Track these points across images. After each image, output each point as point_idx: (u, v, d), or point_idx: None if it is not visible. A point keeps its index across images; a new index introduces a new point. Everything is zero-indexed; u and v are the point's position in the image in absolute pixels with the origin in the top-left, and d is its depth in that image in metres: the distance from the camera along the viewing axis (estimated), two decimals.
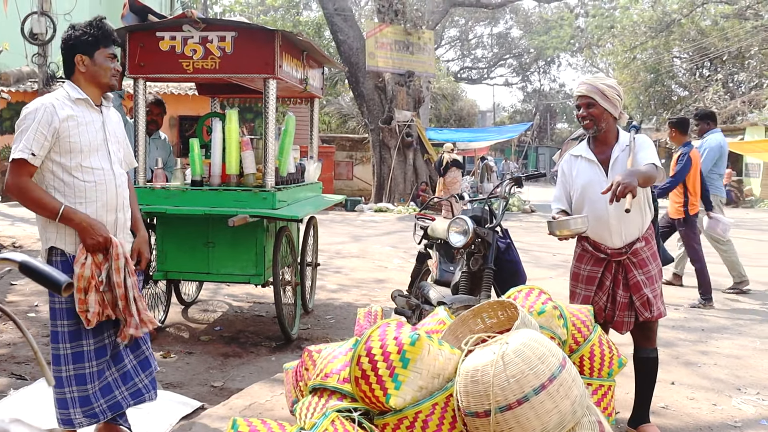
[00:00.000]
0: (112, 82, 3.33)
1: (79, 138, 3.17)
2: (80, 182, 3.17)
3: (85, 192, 3.18)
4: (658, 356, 4.10)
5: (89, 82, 3.28)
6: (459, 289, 4.72)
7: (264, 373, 4.96)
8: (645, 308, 3.87)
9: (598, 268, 3.93)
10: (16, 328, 5.90)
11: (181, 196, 5.39)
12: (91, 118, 3.26)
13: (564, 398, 2.31)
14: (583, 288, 3.99)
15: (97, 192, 3.21)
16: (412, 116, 20.65)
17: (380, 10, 21.48)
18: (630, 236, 3.87)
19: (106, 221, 3.23)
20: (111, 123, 3.39)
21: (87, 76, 3.27)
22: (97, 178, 3.22)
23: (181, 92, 17.83)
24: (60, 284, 1.36)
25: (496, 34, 56.87)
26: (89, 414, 3.20)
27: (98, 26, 3.29)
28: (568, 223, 3.79)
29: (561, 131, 62.29)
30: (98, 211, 3.20)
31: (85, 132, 3.20)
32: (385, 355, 2.41)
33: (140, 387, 3.38)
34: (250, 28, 5.40)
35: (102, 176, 3.23)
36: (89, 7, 26.30)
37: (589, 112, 3.85)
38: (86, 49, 3.26)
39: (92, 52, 3.26)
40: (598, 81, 3.90)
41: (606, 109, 3.83)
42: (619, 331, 3.99)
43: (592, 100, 3.83)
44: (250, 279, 5.62)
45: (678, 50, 37.20)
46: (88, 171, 3.19)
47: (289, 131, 5.86)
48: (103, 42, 3.28)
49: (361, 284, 8.42)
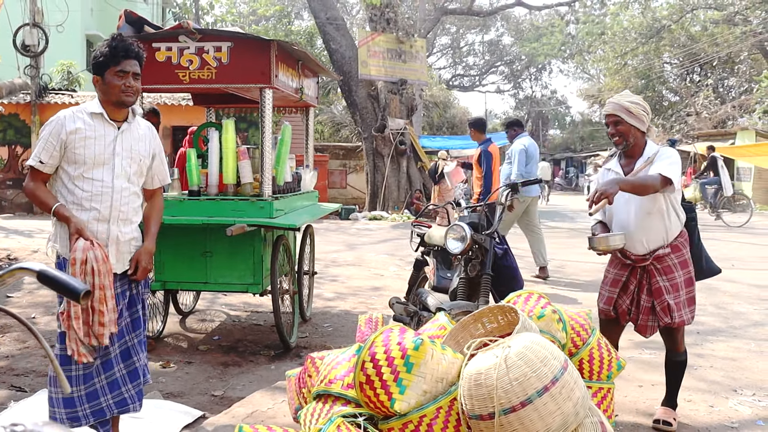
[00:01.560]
0: (121, 99, 3.38)
1: (84, 150, 3.35)
2: (80, 191, 3.37)
3: (81, 200, 3.37)
4: (686, 359, 4.30)
5: (103, 100, 3.42)
6: (457, 296, 4.74)
7: (264, 381, 4.97)
8: (665, 314, 4.00)
9: (624, 273, 4.13)
10: (14, 341, 5.93)
11: (179, 206, 5.42)
12: (104, 132, 3.40)
13: (566, 400, 2.34)
14: (607, 289, 4.22)
15: (92, 202, 3.38)
16: (405, 124, 20.70)
17: (372, 18, 21.55)
18: (653, 243, 4.01)
19: (97, 231, 3.38)
20: (130, 139, 3.48)
21: (101, 94, 3.42)
22: (95, 189, 3.37)
23: (174, 102, 17.85)
24: (78, 292, 1.38)
25: (487, 42, 57.11)
26: (72, 416, 3.32)
27: (109, 45, 3.37)
28: (607, 239, 4.00)
29: (553, 137, 62.56)
30: (90, 220, 3.36)
31: (92, 145, 3.36)
32: (389, 360, 2.44)
33: (126, 396, 3.48)
34: (246, 39, 5.44)
35: (100, 188, 3.38)
36: (81, 18, 26.37)
37: (617, 129, 4.04)
38: (98, 70, 3.40)
39: (103, 72, 3.38)
40: (623, 99, 4.08)
41: (633, 124, 4.02)
42: (643, 334, 4.17)
43: (618, 117, 4.02)
44: (249, 288, 5.64)
45: (668, 56, 37.49)
46: (88, 181, 3.37)
47: (286, 140, 5.90)
48: (112, 61, 3.35)
49: (357, 292, 8.44)
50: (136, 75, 3.42)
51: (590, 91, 49.28)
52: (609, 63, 39.05)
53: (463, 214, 5.21)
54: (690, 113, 31.79)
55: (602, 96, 42.99)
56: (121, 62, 3.35)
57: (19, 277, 1.41)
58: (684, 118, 32.18)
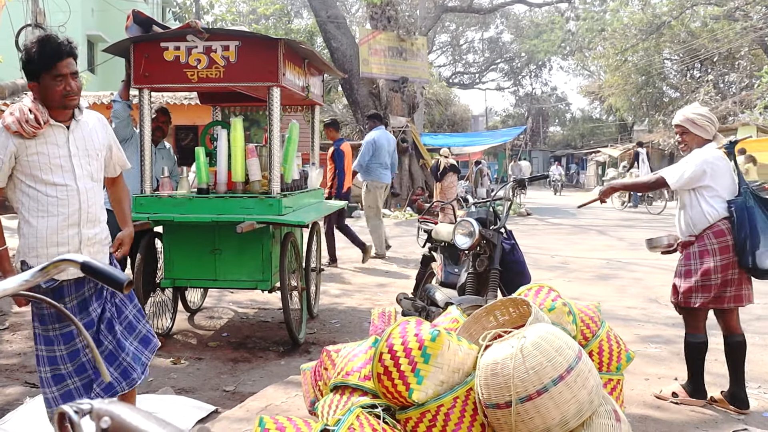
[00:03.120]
0: (64, 103, 3.24)
1: (37, 156, 3.21)
2: (43, 196, 3.24)
3: (47, 206, 3.25)
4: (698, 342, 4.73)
5: (46, 105, 3.25)
6: (465, 290, 4.79)
7: (275, 376, 5.02)
8: (672, 293, 4.67)
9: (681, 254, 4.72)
10: (25, 338, 5.98)
11: (188, 204, 5.46)
12: (54, 135, 3.26)
13: (581, 388, 2.40)
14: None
15: (59, 206, 3.26)
16: (406, 122, 20.74)
17: (373, 17, 21.58)
18: (683, 233, 4.64)
19: (68, 235, 3.29)
20: (82, 136, 3.37)
21: (42, 99, 3.25)
22: (59, 194, 3.26)
23: (176, 102, 17.88)
24: (122, 283, 1.43)
25: (487, 39, 57.22)
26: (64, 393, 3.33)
27: (38, 51, 3.18)
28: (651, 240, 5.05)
29: (554, 134, 62.60)
30: (59, 224, 3.26)
31: (45, 150, 3.23)
32: (407, 351, 2.49)
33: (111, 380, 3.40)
34: (253, 37, 5.49)
35: (65, 192, 3.26)
36: (82, 19, 26.42)
37: (683, 138, 4.63)
38: (32, 76, 3.22)
39: (37, 78, 3.20)
40: (689, 111, 4.59)
41: (697, 134, 4.53)
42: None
43: (684, 128, 4.57)
44: (258, 285, 5.70)
45: (668, 52, 37.50)
46: (50, 186, 3.25)
47: (293, 138, 5.94)
48: (43, 66, 3.17)
49: (363, 289, 8.49)
50: (75, 74, 3.24)
51: (590, 87, 49.33)
52: (609, 59, 39.05)
53: (470, 210, 5.26)
54: None
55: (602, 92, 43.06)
56: (56, 65, 3.16)
57: (63, 269, 1.46)
58: None
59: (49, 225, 3.25)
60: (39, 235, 3.26)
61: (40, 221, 3.25)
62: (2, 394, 4.63)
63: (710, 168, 4.39)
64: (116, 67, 6.34)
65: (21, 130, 3.16)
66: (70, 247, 3.30)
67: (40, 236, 3.26)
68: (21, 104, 3.25)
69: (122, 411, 0.85)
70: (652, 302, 7.77)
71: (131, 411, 0.85)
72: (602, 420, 2.44)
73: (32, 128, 3.18)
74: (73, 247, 3.30)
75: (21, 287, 1.39)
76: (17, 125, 3.16)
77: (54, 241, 3.28)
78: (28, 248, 3.28)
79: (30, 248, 3.27)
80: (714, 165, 4.41)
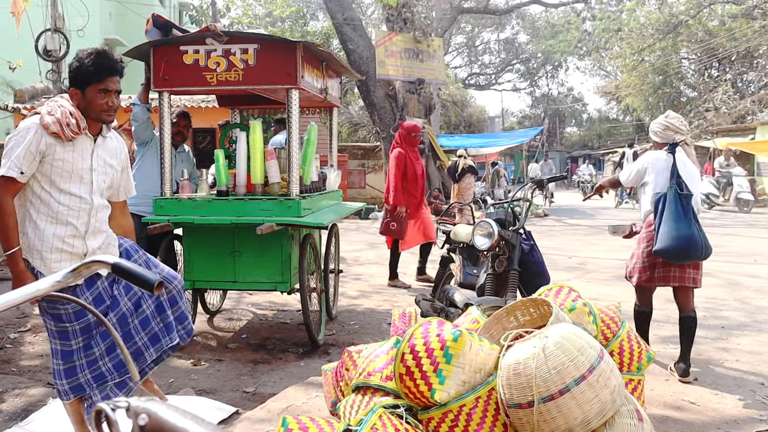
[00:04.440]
0: (102, 117, 3.33)
1: (62, 163, 3.26)
2: (55, 203, 3.28)
3: (58, 214, 3.29)
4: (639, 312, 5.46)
5: (82, 113, 3.32)
6: (484, 291, 4.80)
7: (295, 377, 5.05)
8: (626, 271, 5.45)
9: None
10: (46, 340, 6.02)
11: (208, 207, 5.50)
12: (81, 146, 3.33)
13: (603, 388, 2.40)
14: None
15: (69, 217, 3.31)
16: (423, 123, 20.72)
17: (389, 18, 21.59)
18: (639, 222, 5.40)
19: (73, 245, 3.34)
20: (104, 153, 3.43)
21: (80, 107, 3.31)
22: (73, 204, 3.31)
23: (194, 105, 18.00)
24: (152, 284, 1.45)
25: (503, 40, 57.03)
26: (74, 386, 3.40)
27: (93, 62, 3.26)
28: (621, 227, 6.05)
29: (570, 135, 62.33)
30: (66, 234, 3.30)
31: (71, 158, 3.28)
32: (429, 352, 2.50)
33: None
34: (272, 40, 5.53)
35: (78, 204, 3.32)
36: (100, 23, 26.63)
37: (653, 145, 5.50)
38: (79, 83, 3.29)
39: (84, 87, 3.28)
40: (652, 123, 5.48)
41: (655, 140, 5.39)
42: None
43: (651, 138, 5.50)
44: (277, 286, 5.72)
45: (686, 51, 37.22)
46: (66, 195, 3.29)
47: (312, 140, 5.97)
48: (95, 78, 3.25)
49: (381, 290, 8.51)
50: (118, 92, 3.34)
51: (607, 88, 49.10)
52: (626, 59, 38.83)
53: (489, 211, 5.26)
54: (709, 109, 31.58)
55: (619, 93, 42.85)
56: (106, 80, 3.27)
57: (95, 270, 1.49)
58: (703, 114, 31.97)
59: (57, 232, 3.29)
60: (45, 239, 3.30)
61: (48, 226, 3.29)
62: (25, 395, 4.68)
63: (650, 167, 5.16)
64: (135, 71, 6.38)
65: (61, 132, 3.21)
66: (73, 257, 3.34)
67: (46, 241, 3.30)
68: (60, 106, 3.27)
69: (159, 409, 0.87)
70: (671, 302, 7.69)
71: (168, 409, 0.87)
72: (625, 420, 2.44)
73: (72, 132, 3.24)
74: (77, 257, 3.35)
75: (53, 288, 1.41)
76: (57, 126, 3.21)
77: (58, 248, 3.32)
78: (32, 249, 3.31)
79: (34, 250, 3.31)
80: (653, 164, 5.16)
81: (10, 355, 5.64)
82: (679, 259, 4.95)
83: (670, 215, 4.89)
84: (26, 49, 18.33)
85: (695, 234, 4.85)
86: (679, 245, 4.83)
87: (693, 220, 4.91)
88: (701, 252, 4.91)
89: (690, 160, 5.19)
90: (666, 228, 4.87)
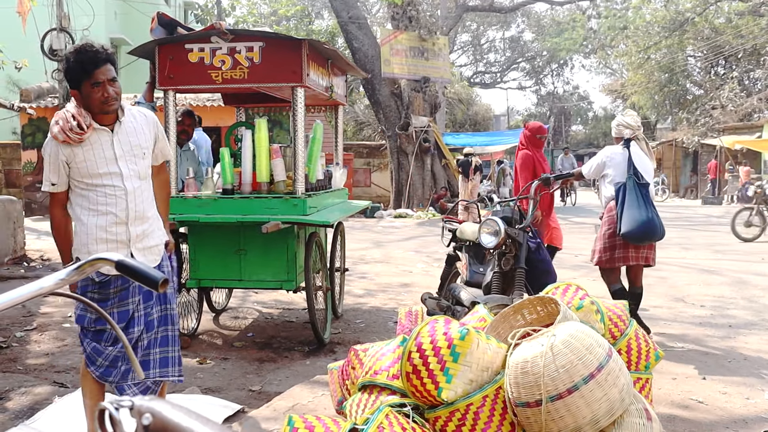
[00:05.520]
0: (103, 109, 3.33)
1: (86, 163, 3.36)
2: (93, 195, 3.41)
3: (98, 205, 3.41)
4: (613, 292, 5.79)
5: (88, 110, 3.36)
6: (491, 289, 4.77)
7: (300, 376, 5.03)
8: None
9: None
10: (53, 339, 6.05)
11: (213, 205, 5.49)
12: (98, 140, 3.38)
13: (612, 386, 2.38)
14: None
15: (108, 206, 3.41)
16: (428, 122, 20.70)
17: (394, 17, 21.57)
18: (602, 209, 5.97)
19: (116, 232, 3.43)
20: (127, 138, 3.45)
21: (84, 106, 3.35)
22: (108, 194, 3.41)
23: (200, 103, 18.01)
24: (157, 281, 1.44)
25: (508, 38, 56.88)
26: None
27: (75, 59, 3.25)
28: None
29: (576, 133, 62.19)
30: (108, 222, 3.41)
31: (91, 154, 3.36)
32: (436, 350, 2.49)
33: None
34: (277, 38, 5.51)
35: (113, 192, 3.41)
36: (105, 22, 26.64)
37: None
38: (73, 84, 3.31)
39: (78, 86, 3.29)
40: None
41: (614, 136, 6.03)
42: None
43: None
44: (283, 285, 5.72)
45: (692, 49, 37.04)
46: (100, 188, 3.40)
47: (318, 138, 5.96)
48: (84, 75, 3.25)
49: (387, 288, 8.49)
50: (113, 80, 3.32)
51: (613, 86, 48.88)
52: (632, 57, 38.65)
53: (495, 209, 5.24)
54: (715, 106, 31.43)
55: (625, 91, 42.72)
56: (94, 73, 3.25)
57: (99, 267, 1.48)
58: (709, 112, 31.83)
59: (98, 223, 3.41)
60: (89, 232, 3.42)
61: (90, 219, 3.41)
62: (31, 394, 4.68)
63: (609, 160, 5.82)
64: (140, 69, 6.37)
65: (68, 138, 3.31)
66: (118, 244, 3.44)
67: (90, 233, 3.42)
68: (64, 112, 3.37)
69: (164, 408, 0.86)
70: (678, 301, 7.70)
71: (172, 408, 0.86)
72: (633, 419, 2.42)
73: (77, 135, 3.31)
74: (122, 243, 3.45)
75: (57, 286, 1.40)
76: (63, 135, 3.30)
77: (103, 238, 3.42)
78: (80, 245, 3.45)
79: (82, 245, 3.44)
80: (611, 158, 5.81)
81: (17, 354, 5.64)
82: (640, 241, 5.61)
83: (630, 203, 5.53)
84: (32, 49, 18.35)
85: (654, 218, 5.51)
86: (641, 228, 5.49)
87: (650, 206, 5.57)
88: (659, 234, 5.60)
89: (644, 153, 5.82)
90: (628, 214, 5.52)
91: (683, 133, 32.76)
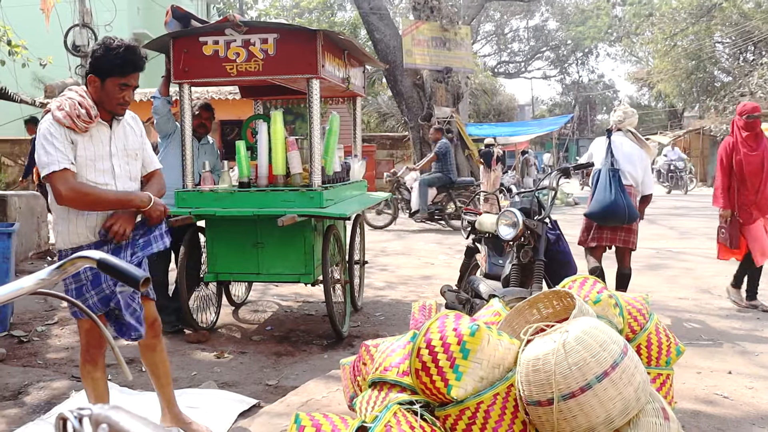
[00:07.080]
0: (116, 110, 3.35)
1: (84, 153, 3.29)
2: None
3: None
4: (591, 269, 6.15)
5: (96, 101, 3.32)
6: (510, 282, 4.70)
7: (317, 370, 4.99)
8: None
9: None
10: (73, 333, 6.05)
11: (230, 198, 5.46)
12: (98, 134, 3.35)
13: (627, 385, 2.29)
14: None
15: None
16: (451, 112, 20.56)
17: (416, 7, 21.42)
18: None
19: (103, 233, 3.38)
20: (122, 137, 3.44)
21: (95, 95, 3.32)
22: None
23: (221, 97, 18.03)
24: (138, 280, 1.40)
25: (532, 27, 56.38)
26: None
27: (121, 56, 3.24)
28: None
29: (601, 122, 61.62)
30: (98, 221, 3.36)
31: (90, 146, 3.32)
32: (445, 347, 2.42)
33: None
34: (291, 30, 5.46)
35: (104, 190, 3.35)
36: (128, 17, 26.79)
37: None
38: (100, 72, 3.27)
39: (105, 77, 3.27)
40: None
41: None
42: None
43: None
44: (300, 278, 5.68)
45: (720, 35, 36.46)
46: (91, 183, 3.32)
47: (334, 130, 5.90)
48: (118, 72, 3.24)
49: (407, 281, 8.43)
50: (135, 88, 3.36)
51: (639, 74, 48.35)
52: (658, 45, 38.17)
53: (514, 200, 5.16)
54: (744, 93, 30.90)
55: (651, 79, 42.23)
56: (129, 75, 3.28)
57: (80, 266, 1.44)
58: (738, 99, 31.29)
59: (88, 223, 3.36)
60: (79, 231, 3.38)
61: (79, 217, 3.35)
62: (49, 388, 4.69)
63: (594, 148, 6.36)
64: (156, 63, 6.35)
65: (74, 125, 3.24)
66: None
67: (80, 232, 3.38)
68: (69, 99, 3.29)
69: (121, 417, 0.81)
70: (705, 293, 7.56)
71: (130, 417, 0.81)
72: (650, 418, 2.33)
73: (84, 123, 3.26)
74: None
75: (38, 286, 1.36)
76: (69, 120, 3.23)
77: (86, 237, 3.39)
78: (67, 243, 3.39)
79: (69, 242, 3.39)
80: (596, 148, 6.34)
81: (37, 348, 5.66)
82: (604, 221, 6.02)
83: (600, 186, 5.97)
84: (56, 45, 18.50)
85: (619, 201, 5.83)
86: (603, 209, 5.90)
87: (618, 189, 5.87)
88: (622, 216, 5.89)
89: (631, 142, 6.20)
90: (596, 197, 5.99)
91: (711, 121, 32.28)
